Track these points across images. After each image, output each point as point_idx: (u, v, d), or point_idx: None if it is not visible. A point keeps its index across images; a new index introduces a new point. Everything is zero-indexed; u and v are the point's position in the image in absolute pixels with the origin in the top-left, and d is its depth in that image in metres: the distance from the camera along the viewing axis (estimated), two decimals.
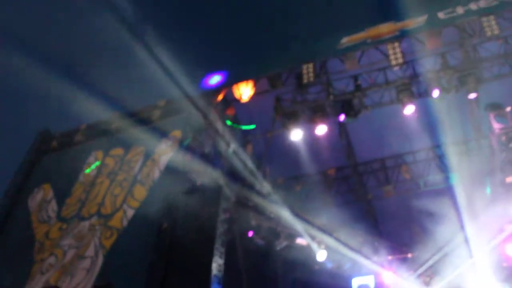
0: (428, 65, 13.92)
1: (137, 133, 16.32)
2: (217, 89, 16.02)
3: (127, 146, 16.38)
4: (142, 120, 16.70)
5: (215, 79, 16.00)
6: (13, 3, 23.30)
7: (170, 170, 14.54)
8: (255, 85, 15.72)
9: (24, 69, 19.61)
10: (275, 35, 18.55)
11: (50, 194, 16.61)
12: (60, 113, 20.68)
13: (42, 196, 16.72)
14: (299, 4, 19.63)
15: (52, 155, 18.27)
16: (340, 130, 16.51)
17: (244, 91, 15.84)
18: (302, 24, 17.98)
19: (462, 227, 13.10)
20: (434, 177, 16.78)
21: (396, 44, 13.77)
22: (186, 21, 22.96)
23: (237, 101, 16.23)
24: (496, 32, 12.65)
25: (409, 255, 15.42)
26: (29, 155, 18.29)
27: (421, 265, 14.01)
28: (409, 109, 13.84)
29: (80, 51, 23.36)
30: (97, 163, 16.52)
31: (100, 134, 17.55)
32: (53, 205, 16.12)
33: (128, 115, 17.14)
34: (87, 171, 16.16)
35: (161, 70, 18.96)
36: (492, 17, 12.79)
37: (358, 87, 14.44)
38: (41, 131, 18.97)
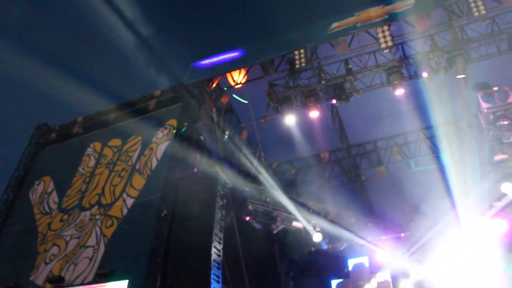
0: (417, 47, 14.07)
1: (134, 123, 16.57)
2: (210, 77, 16.19)
3: (124, 136, 16.58)
4: (138, 110, 16.90)
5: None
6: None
7: (167, 159, 14.73)
8: (248, 72, 15.88)
9: (20, 64, 19.78)
10: (266, 22, 18.61)
11: (51, 186, 16.88)
12: (58, 106, 20.93)
13: (43, 189, 16.99)
14: None
15: (51, 148, 18.50)
16: (333, 114, 16.70)
17: (237, 78, 16.02)
18: (293, 11, 18.05)
19: (453, 205, 13.35)
20: (425, 158, 17.06)
21: (386, 27, 13.85)
22: (179, 10, 23.01)
23: (230, 88, 16.42)
24: (483, 12, 12.72)
25: (402, 235, 15.69)
26: (28, 148, 18.52)
27: (414, 244, 14.28)
28: (400, 91, 14.04)
29: (74, 44, 23.47)
30: None
31: (98, 126, 17.76)
32: (54, 196, 16.39)
33: (125, 106, 17.37)
34: None
35: (156, 60, 19.16)
36: None
37: (349, 71, 14.62)
38: (39, 124, 19.15)
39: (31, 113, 22.04)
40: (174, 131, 15.22)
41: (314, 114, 14.83)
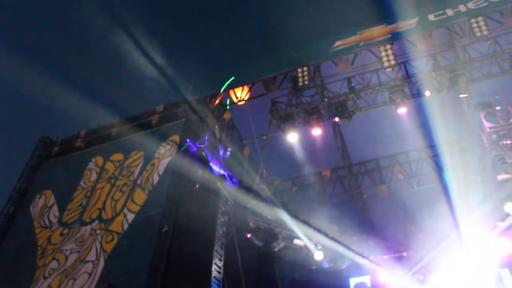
0: (419, 66, 14.18)
1: (137, 138, 16.59)
2: (213, 93, 16.26)
3: (126, 151, 16.59)
4: (141, 125, 16.93)
5: None
6: (14, 9, 23.55)
7: (169, 174, 14.71)
8: (251, 89, 15.97)
9: (24, 76, 19.89)
10: (270, 39, 18.74)
11: (52, 199, 16.83)
12: (61, 120, 20.98)
13: (43, 202, 16.94)
14: (293, 9, 19.84)
15: (53, 161, 18.50)
16: (335, 132, 16.73)
17: (240, 95, 16.10)
18: (296, 29, 18.19)
19: (455, 225, 13.27)
20: (427, 177, 17.03)
21: (388, 46, 14.00)
22: (183, 27, 23.23)
23: (233, 105, 16.48)
24: (485, 32, 12.88)
25: (404, 254, 15.60)
26: (30, 161, 18.51)
27: (416, 264, 14.19)
28: (402, 110, 14.08)
29: (80, 58, 23.63)
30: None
31: (100, 140, 17.78)
32: (55, 210, 16.33)
33: (128, 121, 17.42)
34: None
35: (159, 76, 19.25)
36: (481, 18, 13.02)
37: (351, 89, 14.72)
38: (41, 137, 19.17)
39: (34, 126, 22.10)
40: (177, 147, 15.22)
41: (316, 131, 14.86)
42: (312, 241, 14.75)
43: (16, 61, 19.76)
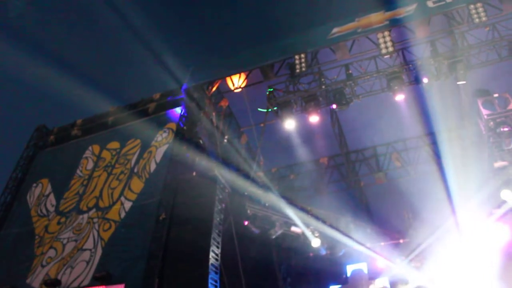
0: (418, 52, 14.10)
1: (133, 126, 16.48)
2: (210, 80, 16.16)
3: (123, 139, 16.49)
4: (137, 113, 16.83)
5: None
6: None
7: (166, 162, 14.65)
8: (248, 76, 15.87)
9: (20, 64, 19.71)
10: (267, 26, 18.61)
11: (48, 188, 16.76)
12: (57, 108, 20.85)
13: (40, 191, 16.87)
14: None
15: (49, 150, 18.37)
16: (332, 119, 16.68)
17: (237, 82, 16.01)
18: (293, 15, 18.06)
19: (452, 212, 13.34)
20: (424, 164, 17.05)
21: (386, 33, 13.86)
22: (179, 13, 23.02)
23: (230, 92, 16.39)
24: (484, 19, 12.74)
25: (401, 241, 15.70)
26: (27, 150, 18.43)
27: (413, 251, 14.30)
28: (400, 97, 14.03)
29: (76, 45, 23.43)
30: None
31: (97, 128, 17.68)
32: (52, 199, 16.28)
33: (124, 109, 17.33)
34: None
35: (156, 63, 19.10)
36: (479, 4, 12.89)
37: (349, 76, 14.64)
38: (38, 126, 19.06)
39: (30, 114, 21.97)
40: (174, 135, 15.15)
41: (314, 119, 14.82)
42: (309, 228, 14.82)
43: (12, 47, 19.58)
